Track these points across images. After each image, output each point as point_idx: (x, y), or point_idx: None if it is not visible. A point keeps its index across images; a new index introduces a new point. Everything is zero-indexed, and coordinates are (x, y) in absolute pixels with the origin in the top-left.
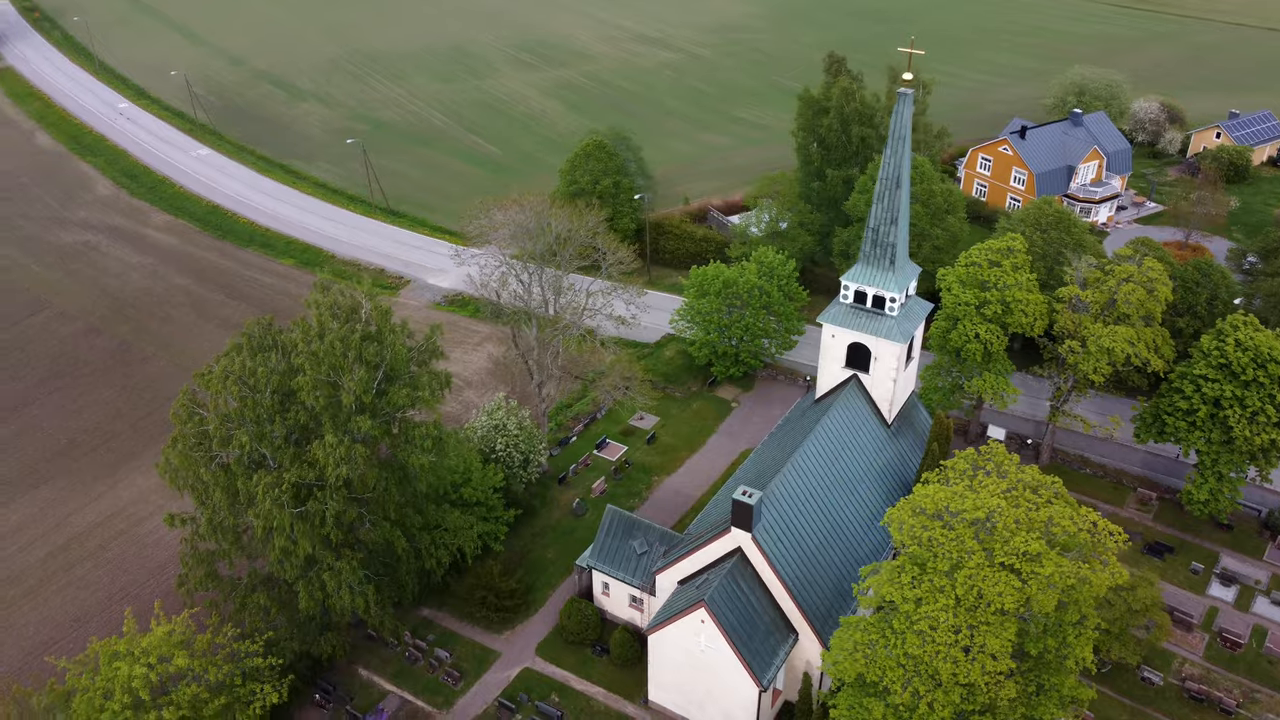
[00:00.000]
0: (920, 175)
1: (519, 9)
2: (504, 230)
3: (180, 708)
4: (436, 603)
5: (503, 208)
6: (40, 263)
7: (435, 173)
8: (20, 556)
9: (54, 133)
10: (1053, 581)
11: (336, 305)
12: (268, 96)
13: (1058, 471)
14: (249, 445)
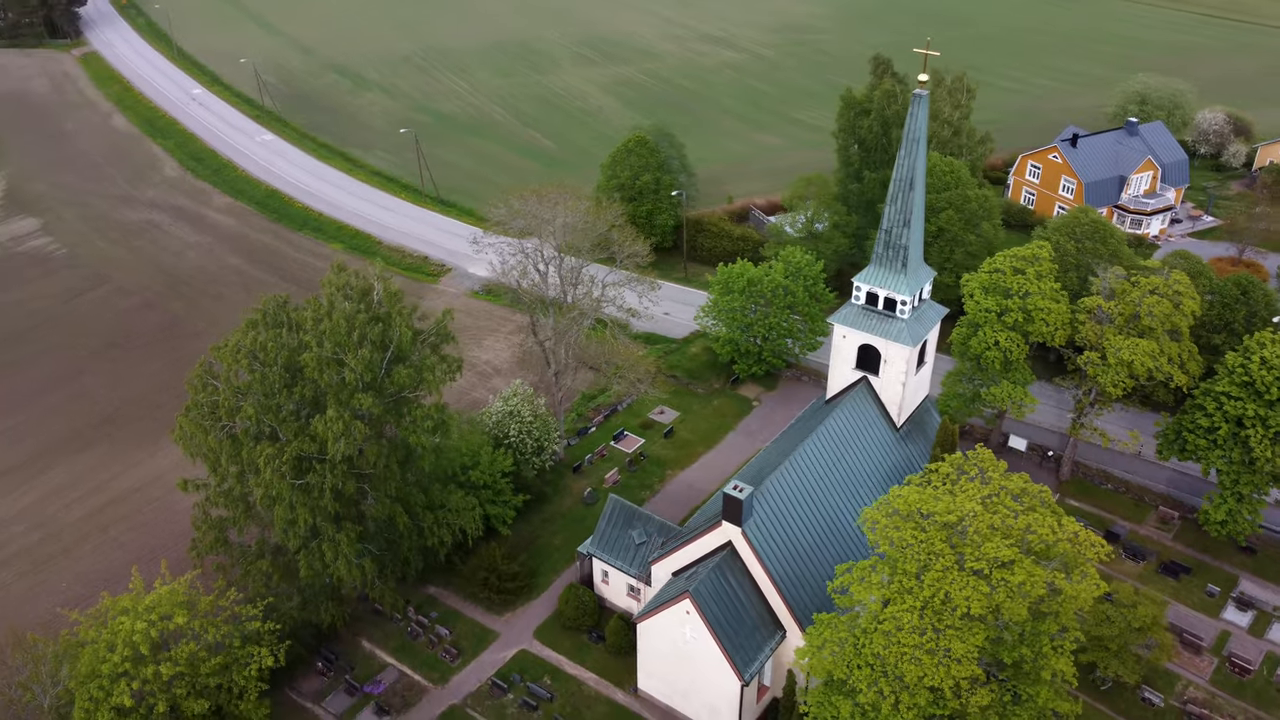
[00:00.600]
0: (955, 180)
1: (586, 6)
2: (520, 220)
3: (177, 664)
4: (442, 581)
5: (522, 197)
6: (105, 239)
7: (488, 164)
8: (61, 515)
9: (130, 115)
10: (1024, 590)
11: (349, 286)
12: (334, 86)
13: (1078, 485)
14: (255, 417)
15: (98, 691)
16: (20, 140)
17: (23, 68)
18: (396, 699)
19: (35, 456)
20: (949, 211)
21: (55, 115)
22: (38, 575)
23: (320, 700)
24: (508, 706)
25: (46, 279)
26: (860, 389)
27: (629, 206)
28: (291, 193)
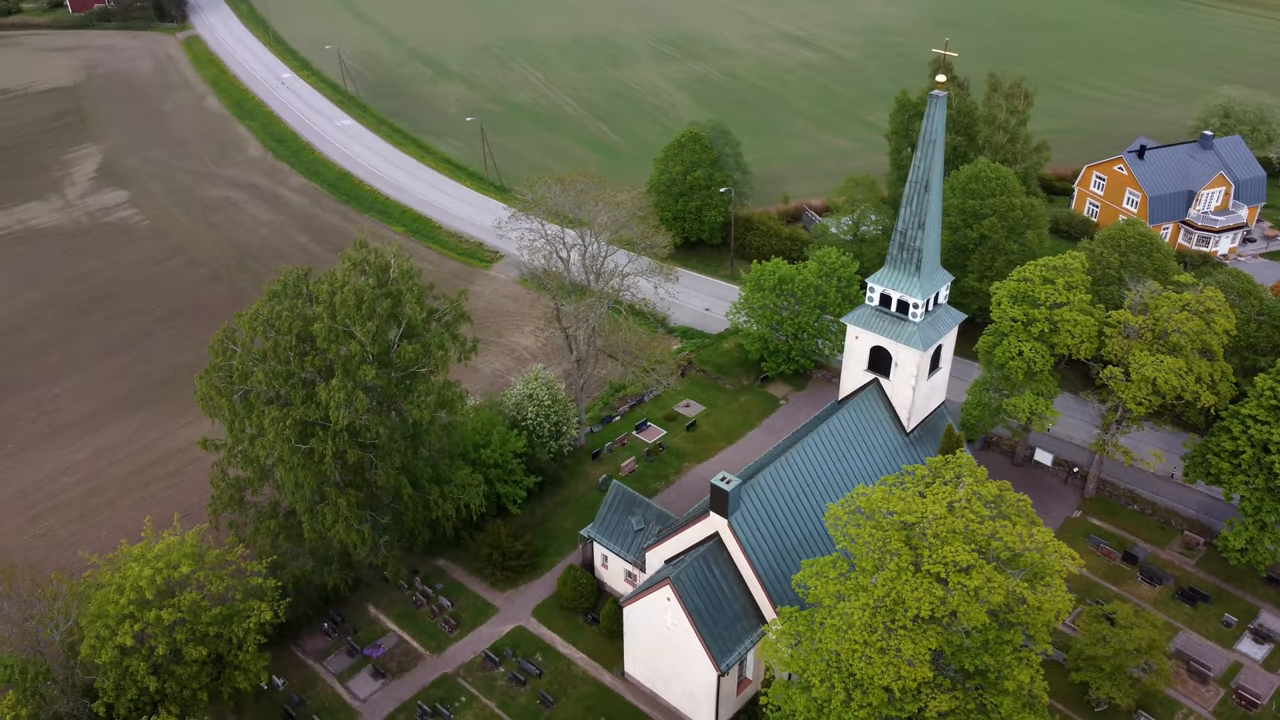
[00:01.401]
0: (1001, 187)
1: (671, 2)
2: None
3: (179, 610)
4: (452, 555)
5: (546, 184)
6: (186, 213)
7: (554, 156)
8: (110, 470)
9: (223, 97)
10: (982, 595)
11: (366, 262)
12: (416, 75)
13: (1102, 504)
14: (265, 381)
15: (104, 630)
16: (121, 117)
17: (130, 49)
18: (393, 663)
19: (95, 414)
20: (992, 219)
21: (155, 95)
22: (82, 524)
23: (322, 659)
24: (497, 679)
25: (127, 248)
26: (871, 390)
27: (679, 202)
28: (363, 176)
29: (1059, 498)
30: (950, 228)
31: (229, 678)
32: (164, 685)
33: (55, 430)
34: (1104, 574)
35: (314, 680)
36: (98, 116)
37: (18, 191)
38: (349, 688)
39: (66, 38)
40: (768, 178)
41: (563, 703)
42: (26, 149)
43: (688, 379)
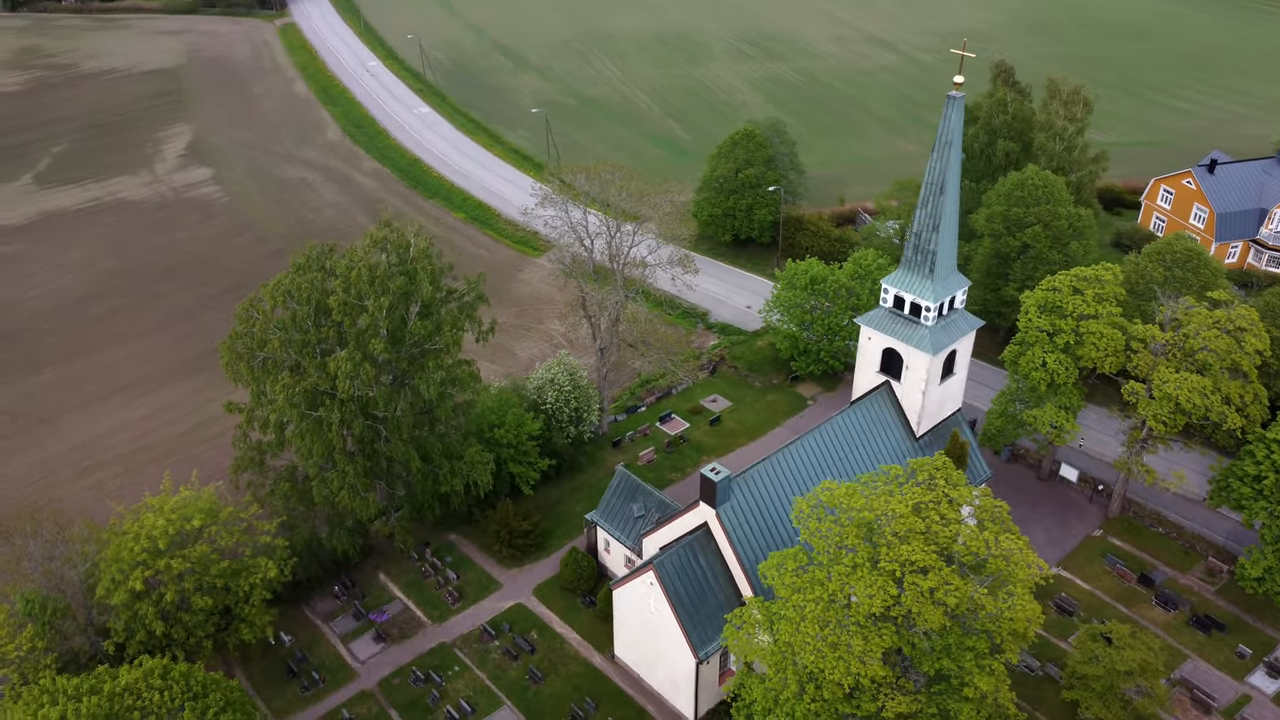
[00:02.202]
0: (1047, 195)
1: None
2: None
3: (189, 561)
4: (464, 531)
5: (573, 173)
6: (263, 191)
7: (620, 150)
8: (160, 430)
9: (310, 83)
10: (936, 597)
11: (387, 240)
12: (496, 66)
13: (1126, 524)
14: (280, 349)
15: (119, 574)
16: (214, 98)
17: (230, 34)
18: (395, 629)
19: (152, 377)
20: (1036, 228)
21: (248, 79)
22: (127, 478)
23: (330, 620)
24: (491, 652)
25: (203, 223)
26: (881, 392)
27: (730, 199)
28: (432, 162)
29: (1081, 515)
30: (993, 235)
31: (235, 629)
32: (171, 630)
33: (115, 390)
34: (1116, 595)
35: (319, 639)
36: (193, 97)
37: (112, 165)
38: (351, 649)
39: (173, 21)
40: (828, 179)
41: (551, 680)
42: (125, 125)
43: (718, 375)
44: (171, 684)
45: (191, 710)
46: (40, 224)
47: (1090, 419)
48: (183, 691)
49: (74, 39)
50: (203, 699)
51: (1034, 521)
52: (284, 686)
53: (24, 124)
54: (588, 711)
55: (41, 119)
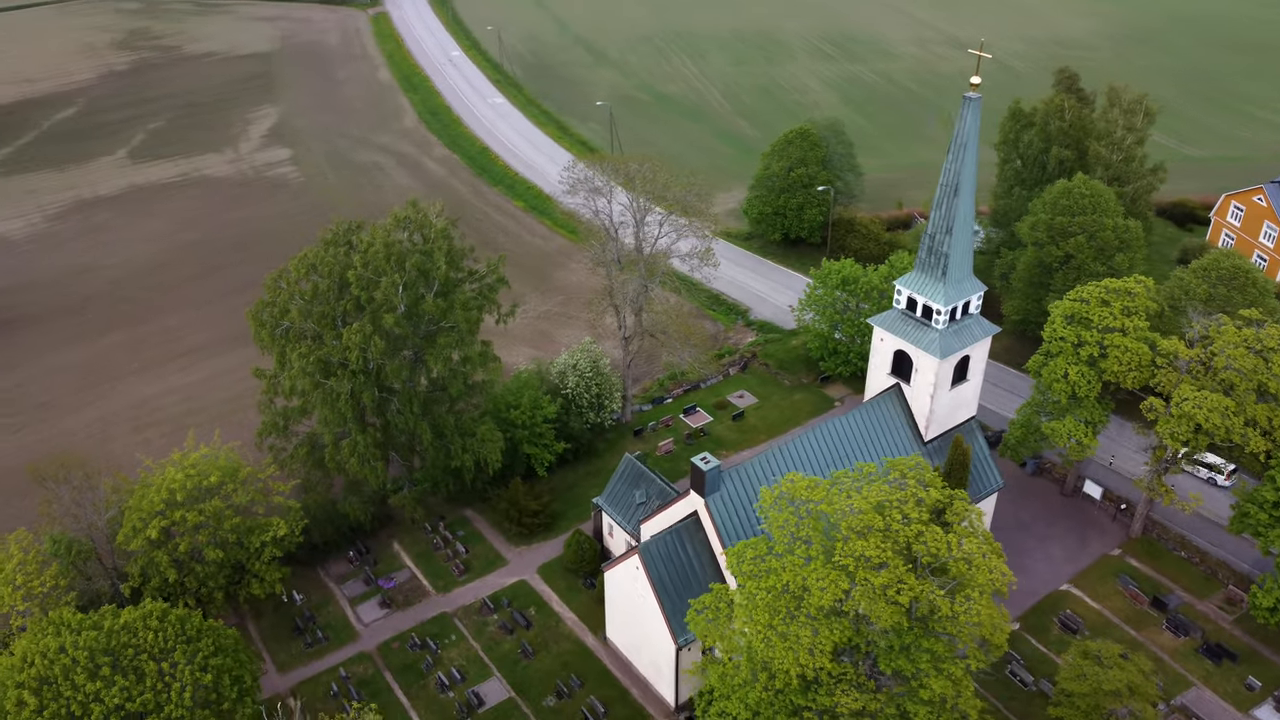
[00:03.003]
0: (1094, 205)
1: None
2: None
3: (204, 514)
4: (479, 507)
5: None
6: (336, 173)
7: (687, 146)
8: (211, 394)
9: (394, 70)
10: (890, 595)
11: (410, 219)
12: (575, 60)
13: (1147, 546)
14: (299, 319)
15: (139, 523)
16: (301, 82)
17: (324, 21)
18: (401, 596)
19: (210, 344)
20: (1080, 238)
21: (335, 64)
22: (174, 436)
23: (341, 583)
24: (489, 624)
25: (277, 202)
26: (890, 394)
27: (780, 198)
28: (500, 151)
29: (1102, 533)
30: (1036, 243)
31: (246, 584)
32: (183, 579)
33: (175, 355)
34: (1126, 616)
35: (329, 600)
36: (282, 81)
37: (200, 143)
38: (357, 612)
39: (271, 8)
40: (891, 182)
41: (541, 656)
42: (217, 106)
43: (749, 371)
44: (167, 626)
45: (182, 652)
46: (129, 195)
47: (1119, 436)
48: (177, 635)
49: (180, 22)
50: (196, 642)
51: (1051, 537)
52: (290, 642)
53: (127, 101)
54: (572, 688)
55: (143, 97)
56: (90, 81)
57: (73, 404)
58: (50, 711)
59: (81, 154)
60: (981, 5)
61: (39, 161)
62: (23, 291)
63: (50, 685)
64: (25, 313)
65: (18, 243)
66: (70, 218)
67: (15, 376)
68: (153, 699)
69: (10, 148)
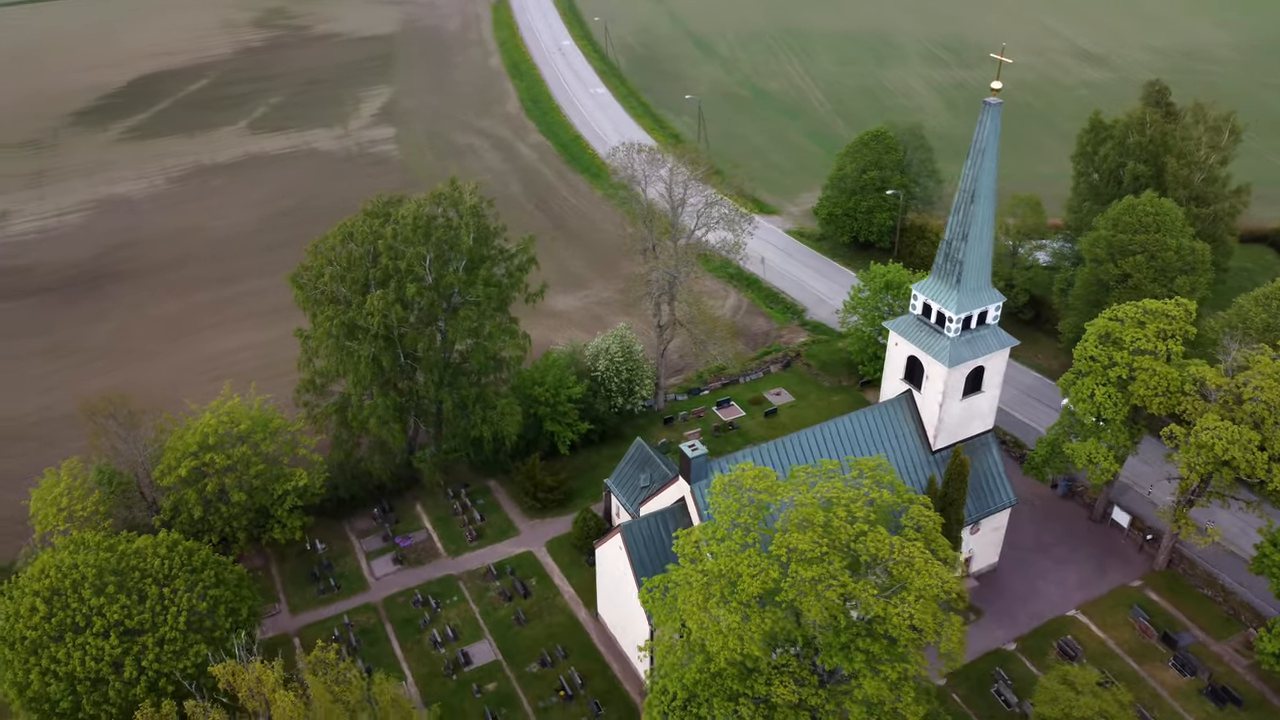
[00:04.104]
0: (1158, 224)
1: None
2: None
3: (231, 458)
4: (502, 479)
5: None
6: (433, 153)
7: (778, 145)
8: (281, 352)
9: (504, 57)
10: (819, 590)
11: (443, 195)
12: (682, 54)
13: (1170, 580)
14: (330, 283)
15: (173, 460)
16: (416, 65)
17: (446, 6)
18: (413, 555)
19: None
20: (1139, 257)
21: (451, 49)
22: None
23: (362, 537)
24: (489, 590)
25: (374, 177)
26: (901, 400)
27: (851, 199)
28: (592, 140)
29: (1125, 562)
30: (1094, 260)
31: (269, 528)
32: (209, 517)
33: (256, 314)
34: (1130, 648)
35: (348, 552)
36: (399, 63)
37: (313, 118)
38: (371, 565)
39: None
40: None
41: (533, 624)
42: (335, 84)
43: (790, 370)
44: (174, 556)
45: (184, 580)
46: (243, 164)
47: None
48: (182, 564)
49: (313, 4)
50: (199, 573)
51: (1069, 562)
52: (306, 586)
53: (255, 75)
54: (557, 658)
55: (270, 73)
56: (225, 56)
57: (157, 352)
58: (57, 620)
59: (207, 123)
60: (1113, 14)
61: (170, 128)
62: (134, 247)
63: (60, 596)
64: (133, 267)
65: (138, 202)
66: (188, 181)
67: (113, 324)
68: (149, 619)
69: (146, 114)
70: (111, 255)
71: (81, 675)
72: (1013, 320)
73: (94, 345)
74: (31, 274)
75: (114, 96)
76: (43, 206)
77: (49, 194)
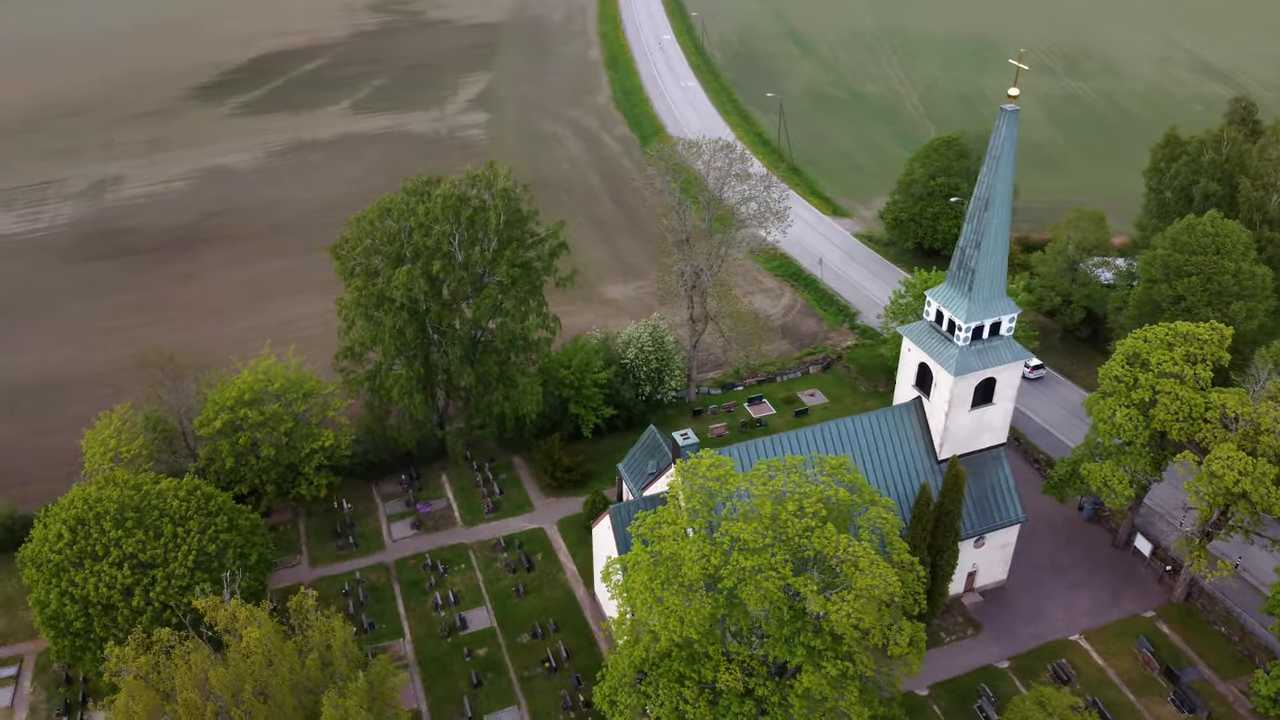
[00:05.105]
0: (1217, 245)
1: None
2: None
3: (263, 415)
4: (526, 456)
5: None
6: (520, 140)
7: (865, 147)
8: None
9: (604, 49)
10: (757, 581)
11: (478, 178)
12: (781, 51)
13: (1185, 614)
14: (364, 256)
15: (211, 413)
16: (518, 54)
17: None
18: (430, 522)
19: None
20: (1194, 279)
21: (554, 39)
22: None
23: (386, 501)
24: (496, 560)
25: (458, 160)
26: (910, 406)
27: (917, 205)
28: (676, 133)
29: (1141, 592)
30: (1149, 280)
31: (296, 484)
32: (240, 468)
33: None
34: (1129, 679)
35: (371, 513)
36: (502, 51)
37: (412, 102)
38: (391, 528)
39: None
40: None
41: (532, 597)
42: (438, 69)
43: (829, 372)
44: (192, 499)
45: (197, 521)
46: (341, 141)
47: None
48: (199, 507)
49: None
50: (213, 517)
51: (1083, 586)
52: (327, 542)
53: (367, 58)
54: (548, 631)
55: (379, 56)
56: (340, 39)
57: (233, 314)
58: (79, 547)
59: (314, 102)
60: (1244, 27)
61: (280, 105)
62: (229, 214)
63: (84, 526)
64: (225, 233)
65: (240, 173)
66: (289, 155)
67: (198, 285)
68: (161, 554)
69: (260, 91)
70: (208, 221)
71: (94, 599)
72: (1069, 338)
73: (177, 303)
74: (135, 235)
75: (235, 73)
76: (153, 173)
77: (161, 161)
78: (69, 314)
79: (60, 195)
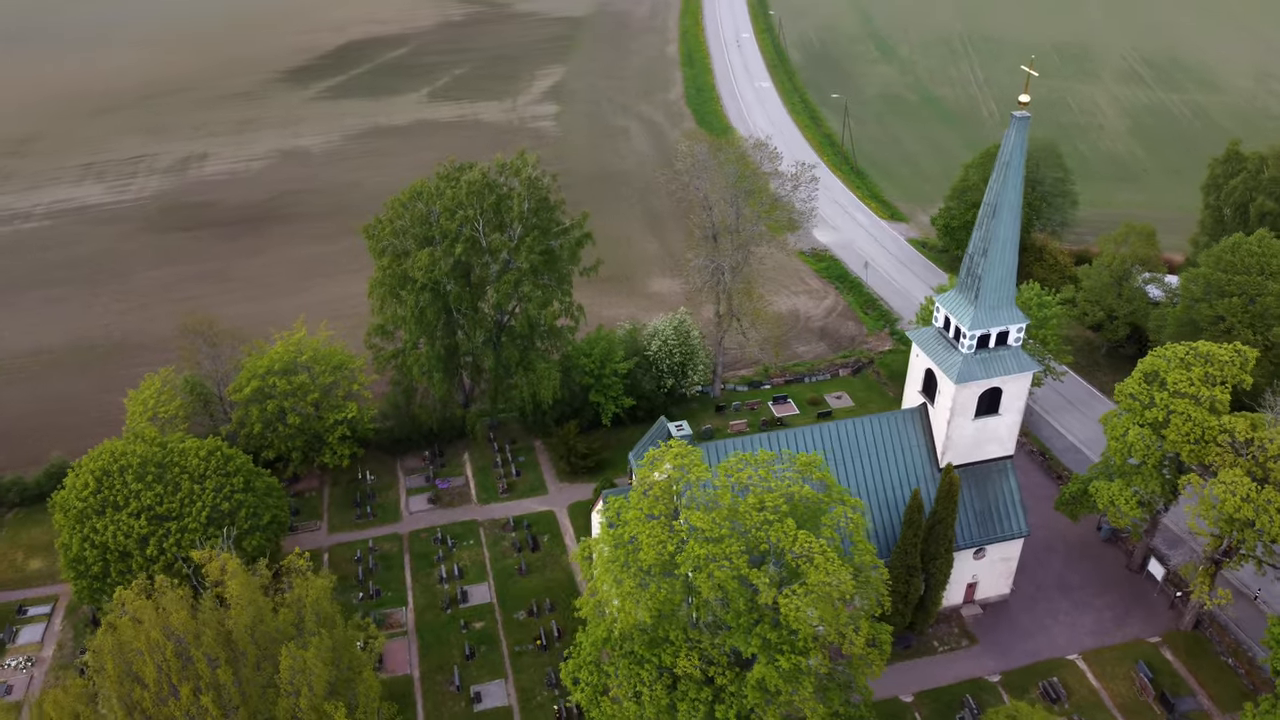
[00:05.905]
0: (1261, 265)
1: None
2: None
3: (291, 383)
4: (548, 441)
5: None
6: (588, 133)
7: (930, 152)
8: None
9: (682, 46)
10: (712, 571)
11: (506, 165)
12: (860, 53)
13: (1193, 642)
14: (392, 238)
15: (244, 380)
16: (597, 47)
17: None
18: (447, 497)
19: None
20: (1236, 299)
21: (633, 34)
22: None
23: (408, 475)
24: (504, 539)
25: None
26: (915, 412)
27: (968, 211)
28: (742, 131)
29: (1149, 616)
30: (1190, 298)
31: (321, 453)
32: (267, 434)
33: None
34: (1121, 703)
35: (391, 486)
36: (581, 44)
37: (488, 91)
38: (409, 501)
39: None
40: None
41: (533, 576)
42: (517, 60)
43: (860, 376)
44: (212, 459)
45: (214, 480)
46: (414, 128)
47: None
48: (217, 468)
49: None
50: (230, 477)
51: (1089, 607)
52: (347, 510)
53: (449, 48)
54: (543, 610)
55: (462, 46)
56: (427, 28)
57: (291, 289)
58: (102, 496)
59: (394, 89)
60: None
61: (361, 90)
62: (300, 194)
63: (109, 477)
64: (295, 211)
65: (315, 155)
66: (364, 140)
67: (262, 260)
68: (177, 508)
69: (345, 76)
70: (280, 200)
71: (112, 546)
72: (1113, 355)
73: (240, 276)
74: (211, 209)
75: (324, 58)
76: (237, 152)
77: (245, 141)
78: (144, 281)
79: (149, 170)
